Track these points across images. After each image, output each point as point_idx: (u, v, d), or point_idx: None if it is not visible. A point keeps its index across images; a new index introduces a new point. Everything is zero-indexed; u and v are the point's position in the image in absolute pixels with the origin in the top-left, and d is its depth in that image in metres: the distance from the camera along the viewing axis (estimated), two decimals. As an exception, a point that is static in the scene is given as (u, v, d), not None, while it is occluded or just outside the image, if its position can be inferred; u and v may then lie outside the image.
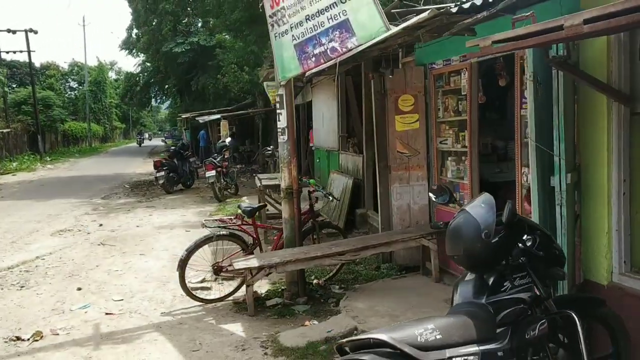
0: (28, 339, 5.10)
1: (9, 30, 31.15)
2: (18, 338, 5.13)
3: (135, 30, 37.14)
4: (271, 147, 13.90)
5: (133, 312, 5.82)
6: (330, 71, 7.12)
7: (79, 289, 6.73)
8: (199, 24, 31.39)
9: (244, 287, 6.08)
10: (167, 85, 37.82)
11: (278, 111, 5.98)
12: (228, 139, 16.73)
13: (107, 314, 5.79)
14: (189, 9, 24.22)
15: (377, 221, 8.49)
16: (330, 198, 6.81)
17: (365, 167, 9.20)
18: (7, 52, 33.87)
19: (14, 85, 43.95)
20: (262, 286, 6.37)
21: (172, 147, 18.44)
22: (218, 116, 22.77)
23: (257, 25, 17.06)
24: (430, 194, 4.03)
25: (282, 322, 5.37)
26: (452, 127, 5.93)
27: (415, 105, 6.26)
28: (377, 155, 6.64)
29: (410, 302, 5.39)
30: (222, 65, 22.39)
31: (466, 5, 3.60)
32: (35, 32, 32.34)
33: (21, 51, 33.18)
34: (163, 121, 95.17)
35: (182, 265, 5.83)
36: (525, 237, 3.02)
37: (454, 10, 3.59)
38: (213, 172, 13.49)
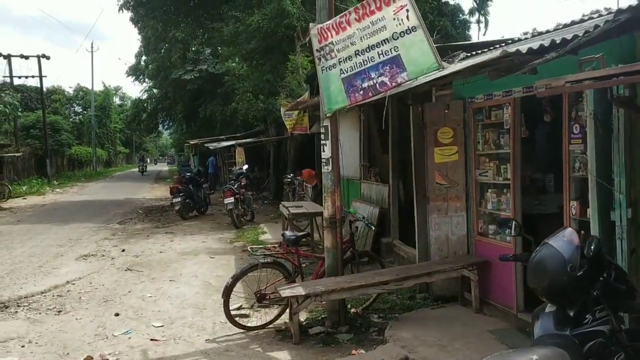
0: (79, 364, 5.15)
1: (22, 56, 31.60)
2: (69, 363, 5.18)
3: (144, 57, 37.70)
4: (290, 175, 14.05)
5: (177, 339, 5.87)
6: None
7: (117, 314, 6.78)
8: (207, 52, 31.83)
9: (284, 315, 6.20)
10: (174, 112, 38.12)
11: (322, 142, 6.12)
12: (245, 166, 16.87)
13: (151, 340, 5.83)
14: (203, 37, 24.51)
15: (404, 251, 8.64)
16: (373, 227, 6.89)
17: (391, 196, 9.33)
18: (20, 77, 34.33)
19: (20, 110, 44.39)
20: (300, 314, 6.43)
21: (185, 174, 18.54)
22: (230, 143, 22.97)
23: (273, 55, 17.44)
24: (496, 227, 4.13)
25: (328, 350, 5.42)
26: (492, 159, 6.07)
27: (454, 138, 6.42)
28: (415, 186, 6.76)
29: (455, 332, 5.45)
30: (234, 92, 22.65)
31: (535, 47, 3.77)
32: (48, 58, 32.78)
33: (33, 76, 33.66)
34: (165, 146, 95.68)
35: (227, 292, 5.90)
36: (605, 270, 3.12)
37: (524, 51, 3.75)
38: (232, 199, 13.60)
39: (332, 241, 6.02)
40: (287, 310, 6.08)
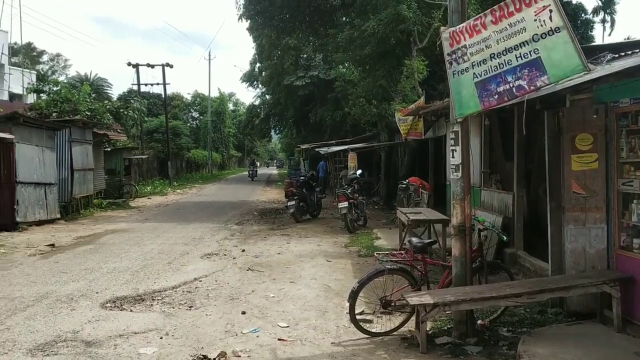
0: (214, 359, 5.37)
1: (148, 65, 33.96)
2: (205, 357, 5.41)
3: (258, 64, 39.14)
4: (406, 181, 13.93)
5: (303, 340, 5.96)
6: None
7: (244, 312, 7.01)
8: (319, 58, 32.41)
9: (408, 323, 6.12)
10: (285, 117, 39.20)
11: (452, 148, 5.98)
12: (359, 171, 16.97)
13: (279, 339, 5.97)
14: (315, 43, 25.02)
15: (530, 262, 8.25)
16: (505, 238, 6.64)
17: (515, 205, 8.95)
18: (146, 85, 36.94)
19: (145, 115, 47.73)
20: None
21: (300, 177, 18.97)
22: (341, 148, 23.22)
23: (387, 60, 17.40)
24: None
25: (456, 362, 5.29)
26: (639, 168, 5.62)
27: (594, 145, 6.02)
28: (549, 194, 6.42)
29: (596, 352, 5.10)
30: (346, 97, 22.91)
31: None
32: (171, 67, 35.01)
33: (158, 84, 36.00)
34: (275, 150, 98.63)
35: (354, 296, 5.92)
36: None
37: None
38: (346, 204, 13.70)
39: (461, 250, 5.86)
40: (412, 318, 6.01)
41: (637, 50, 6.08)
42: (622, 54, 6.15)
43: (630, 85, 5.39)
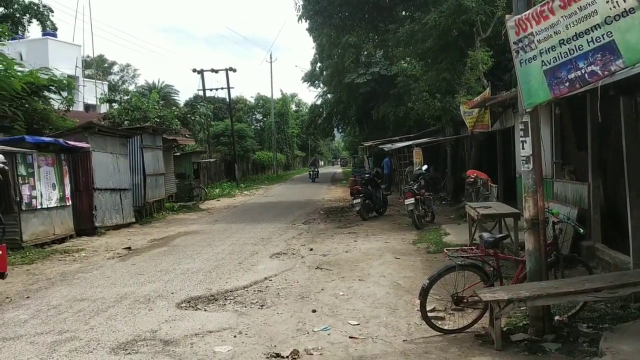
0: (287, 357, 5.44)
1: (212, 70, 34.88)
2: (278, 355, 5.49)
3: (318, 64, 39.37)
4: (474, 175, 13.65)
5: (374, 338, 5.94)
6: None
7: (314, 310, 7.07)
8: (379, 54, 32.21)
9: (481, 320, 5.99)
10: (347, 115, 39.19)
11: (522, 139, 5.81)
12: (424, 167, 16.76)
13: (350, 337, 5.98)
14: (375, 40, 24.88)
15: (609, 255, 7.90)
16: (581, 230, 6.39)
17: (591, 196, 8.59)
18: (211, 90, 37.87)
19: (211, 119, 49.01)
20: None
21: (364, 174, 18.94)
22: (405, 144, 23.00)
23: (449, 52, 17.09)
24: None
25: (534, 359, 5.12)
26: None
27: (676, 130, 5.70)
28: (628, 184, 6.13)
29: (686, 348, 4.82)
30: (408, 93, 22.68)
31: None
32: (234, 71, 35.79)
33: (222, 88, 36.89)
34: (338, 149, 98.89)
35: (425, 293, 5.86)
36: None
37: None
38: (412, 200, 13.57)
39: (535, 244, 5.68)
40: (485, 315, 5.88)
41: None
42: None
43: None
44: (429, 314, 6.23)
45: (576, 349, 5.29)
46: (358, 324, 6.46)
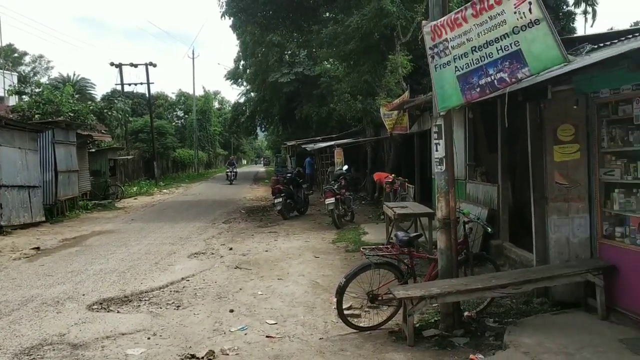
0: (202, 357, 5.36)
1: (131, 64, 33.68)
2: (193, 356, 5.40)
3: (242, 62, 39.00)
4: (392, 175, 13.99)
5: (292, 336, 5.97)
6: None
7: (232, 310, 7.00)
8: (303, 54, 32.36)
9: (396, 317, 6.15)
10: (271, 114, 39.06)
11: (435, 141, 6.01)
12: (345, 167, 17.00)
13: (267, 337, 5.97)
14: (299, 40, 24.96)
15: (515, 253, 8.31)
16: (489, 229, 6.68)
17: (501, 197, 9.01)
18: (130, 84, 36.62)
19: (130, 115, 47.36)
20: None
21: (286, 174, 18.96)
22: (327, 144, 23.23)
23: (371, 55, 17.42)
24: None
25: (444, 354, 5.31)
26: (620, 157, 5.69)
27: (575, 135, 6.09)
28: (532, 185, 6.47)
29: (581, 340, 5.16)
30: (331, 94, 22.94)
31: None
32: (154, 66, 34.76)
33: (142, 83, 35.76)
34: (261, 148, 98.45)
35: (341, 291, 5.94)
36: None
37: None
38: (332, 200, 13.72)
39: (446, 242, 5.90)
40: (399, 312, 6.04)
41: (616, 41, 6.14)
42: (601, 45, 6.20)
43: (609, 76, 5.44)
44: (346, 312, 6.32)
45: (483, 342, 5.54)
46: (276, 323, 6.46)
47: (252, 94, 40.42)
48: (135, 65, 34.51)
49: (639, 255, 5.43)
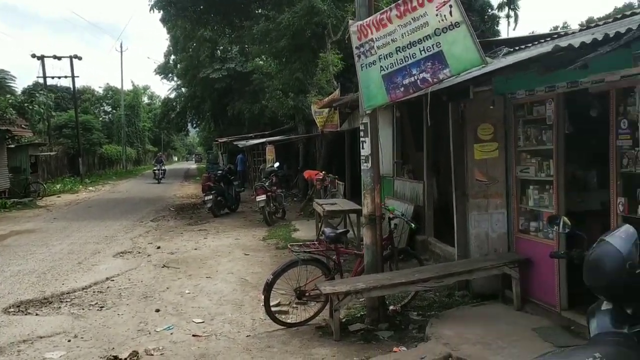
0: (125, 358, 5.23)
1: (55, 57, 32.22)
2: (116, 357, 5.27)
3: (173, 57, 38.14)
4: (322, 172, 14.09)
5: (218, 335, 5.93)
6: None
7: (158, 310, 6.88)
8: (235, 50, 32.00)
9: (323, 312, 6.22)
10: (202, 110, 38.38)
11: (362, 139, 6.12)
12: (276, 164, 16.97)
13: (193, 335, 5.90)
14: (231, 36, 24.66)
15: (440, 248, 8.59)
16: (413, 225, 6.86)
17: (426, 194, 9.28)
18: (53, 78, 35.03)
19: (53, 110, 45.26)
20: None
21: (218, 171, 18.74)
22: (260, 141, 23.10)
23: (302, 52, 17.48)
24: (545, 223, 4.07)
25: (369, 347, 5.42)
26: (534, 156, 5.99)
27: (494, 134, 6.35)
28: (454, 183, 6.71)
29: (498, 330, 5.40)
30: (263, 90, 22.82)
31: (588, 41, 3.71)
32: (80, 58, 33.41)
33: (66, 76, 34.33)
34: (193, 144, 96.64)
35: (269, 288, 5.94)
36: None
37: (577, 45, 3.69)
38: (264, 197, 13.68)
39: (372, 238, 6.02)
40: (327, 307, 6.11)
41: (531, 45, 6.45)
42: (517, 48, 6.50)
43: (524, 77, 5.72)
44: (274, 309, 6.34)
45: (406, 335, 5.70)
46: (203, 322, 6.40)
47: (183, 89, 39.53)
48: (59, 58, 33.04)
49: (550, 248, 5.73)
